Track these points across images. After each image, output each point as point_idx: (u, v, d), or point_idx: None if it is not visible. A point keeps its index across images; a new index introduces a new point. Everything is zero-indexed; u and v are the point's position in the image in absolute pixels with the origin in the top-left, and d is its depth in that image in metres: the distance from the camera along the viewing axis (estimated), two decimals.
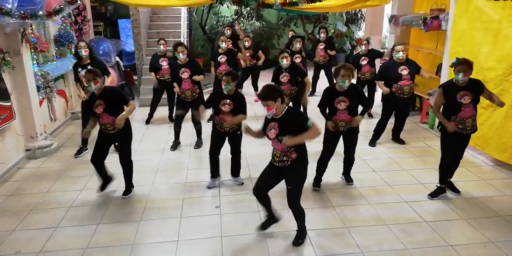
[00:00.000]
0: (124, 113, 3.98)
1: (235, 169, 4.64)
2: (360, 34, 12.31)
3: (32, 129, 5.52)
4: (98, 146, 4.21)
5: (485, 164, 5.08)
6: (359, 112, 4.25)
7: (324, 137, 4.36)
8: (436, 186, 4.30)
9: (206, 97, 4.69)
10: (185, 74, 5.50)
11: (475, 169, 4.92)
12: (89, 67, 5.07)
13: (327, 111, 4.25)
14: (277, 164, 3.32)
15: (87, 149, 5.50)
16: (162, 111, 7.14)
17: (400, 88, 5.40)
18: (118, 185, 4.54)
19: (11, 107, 5.01)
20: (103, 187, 4.38)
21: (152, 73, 6.68)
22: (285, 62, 5.33)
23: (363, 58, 6.63)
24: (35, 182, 4.74)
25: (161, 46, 6.51)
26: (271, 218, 3.62)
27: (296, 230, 3.52)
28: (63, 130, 6.67)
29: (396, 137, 5.91)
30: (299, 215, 3.46)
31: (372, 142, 5.81)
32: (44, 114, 6.01)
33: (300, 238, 3.48)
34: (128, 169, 4.36)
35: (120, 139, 4.23)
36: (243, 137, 4.33)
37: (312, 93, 8.47)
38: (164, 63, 6.52)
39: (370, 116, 7.06)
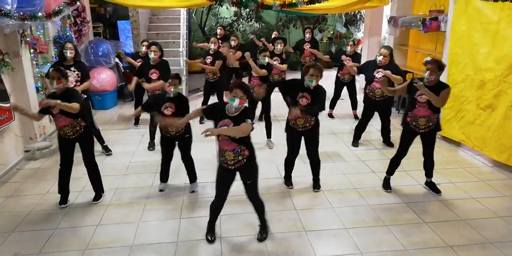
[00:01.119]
0: (66, 103, 3.68)
1: (190, 176, 4.51)
2: (359, 35, 12.33)
3: (31, 130, 5.52)
4: (64, 154, 4.07)
5: (484, 165, 5.09)
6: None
7: (287, 137, 4.39)
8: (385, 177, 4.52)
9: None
10: (153, 75, 5.49)
11: (474, 170, 4.92)
12: (72, 68, 5.05)
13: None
14: (232, 167, 3.29)
15: None
16: None
17: (372, 90, 5.42)
18: (117, 185, 4.55)
19: (10, 108, 5.01)
20: (64, 201, 4.19)
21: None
22: (266, 60, 5.50)
23: (347, 58, 6.67)
24: (34, 183, 4.74)
25: (143, 47, 6.33)
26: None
27: (259, 225, 3.58)
28: None
29: (385, 140, 5.89)
30: (261, 208, 3.53)
31: (354, 142, 5.83)
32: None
33: (264, 232, 3.55)
34: (93, 171, 4.22)
35: (82, 142, 4.05)
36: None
37: None
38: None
39: (357, 118, 7.10)
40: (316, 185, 4.48)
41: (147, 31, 9.77)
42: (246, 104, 3.25)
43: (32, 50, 5.62)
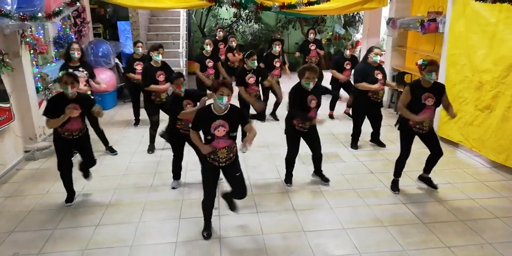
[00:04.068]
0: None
1: None
2: (358, 36, 12.36)
3: (31, 130, 5.53)
4: (66, 156, 4.14)
5: (482, 166, 5.11)
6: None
7: (288, 136, 4.44)
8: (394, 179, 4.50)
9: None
10: (161, 77, 5.49)
11: (472, 171, 4.94)
12: (80, 69, 5.20)
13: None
14: (223, 164, 3.37)
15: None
16: (161, 113, 7.16)
17: (375, 92, 5.40)
18: (117, 185, 4.56)
19: (10, 108, 5.02)
20: (70, 199, 4.26)
21: (131, 74, 6.44)
22: (255, 64, 5.51)
23: (347, 62, 6.75)
24: (34, 184, 4.74)
25: (140, 48, 6.39)
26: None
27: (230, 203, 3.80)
28: None
29: (375, 140, 5.88)
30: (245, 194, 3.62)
31: (353, 145, 5.80)
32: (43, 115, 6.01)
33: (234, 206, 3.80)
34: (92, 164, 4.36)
35: (84, 141, 4.17)
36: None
37: None
38: (138, 67, 6.32)
39: (349, 115, 7.16)
40: (322, 177, 4.59)
41: (147, 32, 9.80)
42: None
43: (32, 51, 5.64)
